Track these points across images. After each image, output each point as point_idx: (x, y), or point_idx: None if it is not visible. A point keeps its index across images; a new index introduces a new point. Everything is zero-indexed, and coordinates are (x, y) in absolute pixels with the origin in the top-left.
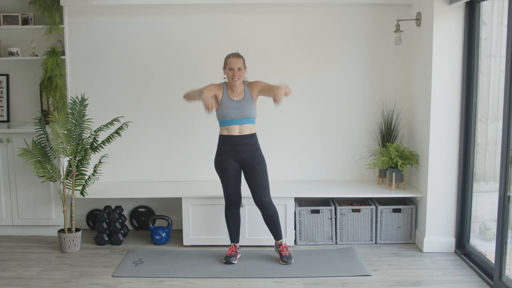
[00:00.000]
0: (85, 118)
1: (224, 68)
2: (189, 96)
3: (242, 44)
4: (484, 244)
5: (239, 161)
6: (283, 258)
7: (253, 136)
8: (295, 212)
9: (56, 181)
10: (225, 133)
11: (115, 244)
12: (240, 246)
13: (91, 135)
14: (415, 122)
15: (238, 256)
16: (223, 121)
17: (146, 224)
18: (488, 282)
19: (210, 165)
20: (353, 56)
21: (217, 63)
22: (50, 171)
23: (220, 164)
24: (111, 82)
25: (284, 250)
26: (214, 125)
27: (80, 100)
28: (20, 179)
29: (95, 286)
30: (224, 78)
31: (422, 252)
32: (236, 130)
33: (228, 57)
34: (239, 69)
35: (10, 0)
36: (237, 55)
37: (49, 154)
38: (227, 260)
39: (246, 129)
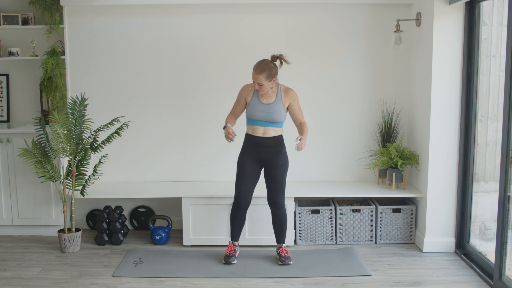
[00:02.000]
0: (85, 118)
1: None
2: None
3: (242, 44)
4: (484, 244)
5: (260, 160)
6: (281, 258)
7: (277, 138)
8: (295, 212)
9: (56, 181)
10: (250, 132)
11: (115, 244)
12: (240, 246)
13: (91, 135)
14: (415, 122)
15: (237, 253)
16: (250, 120)
17: (146, 224)
18: (488, 282)
19: (210, 165)
20: (353, 56)
21: (216, 63)
22: (50, 171)
23: (241, 161)
24: (111, 82)
25: (284, 252)
26: (214, 125)
27: (80, 100)
28: (20, 179)
29: (95, 286)
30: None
31: (422, 252)
32: (260, 132)
33: (253, 68)
34: (260, 84)
35: (10, 0)
36: (259, 71)
37: (49, 154)
38: (227, 260)
39: (271, 131)
